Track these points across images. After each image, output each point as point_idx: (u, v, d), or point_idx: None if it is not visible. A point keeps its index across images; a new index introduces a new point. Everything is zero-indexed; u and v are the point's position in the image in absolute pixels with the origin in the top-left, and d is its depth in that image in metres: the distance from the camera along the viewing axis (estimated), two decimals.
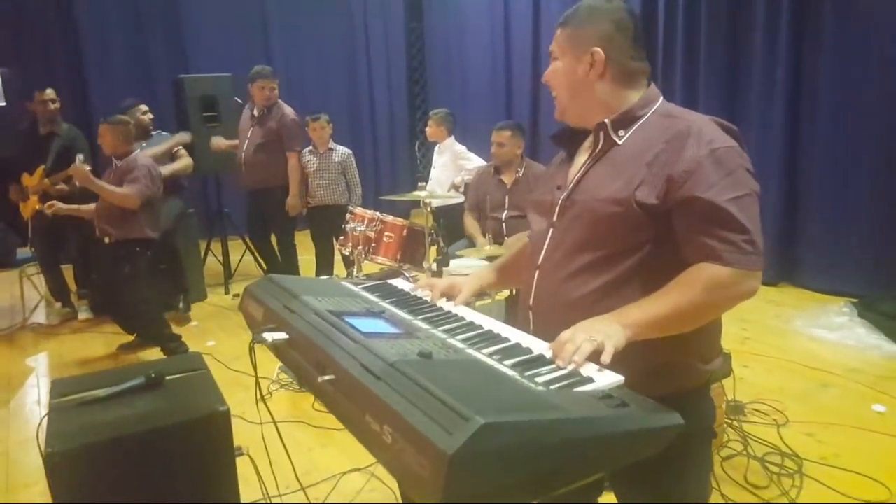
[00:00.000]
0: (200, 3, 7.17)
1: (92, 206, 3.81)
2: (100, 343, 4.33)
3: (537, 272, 1.44)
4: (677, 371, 1.36)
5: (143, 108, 4.79)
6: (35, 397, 3.59)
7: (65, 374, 3.82)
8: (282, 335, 1.34)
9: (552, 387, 1.08)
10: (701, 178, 1.22)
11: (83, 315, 4.79)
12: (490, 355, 1.21)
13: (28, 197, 4.58)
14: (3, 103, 6.78)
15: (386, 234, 3.36)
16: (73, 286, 4.95)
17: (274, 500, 2.33)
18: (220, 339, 4.21)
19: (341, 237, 3.61)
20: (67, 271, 4.92)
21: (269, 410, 2.09)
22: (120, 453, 1.71)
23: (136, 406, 1.84)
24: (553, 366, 1.16)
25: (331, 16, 8.04)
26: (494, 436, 0.86)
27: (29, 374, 3.95)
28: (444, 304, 1.55)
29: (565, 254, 1.38)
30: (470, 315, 1.47)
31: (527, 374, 1.12)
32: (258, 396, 1.51)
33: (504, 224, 3.74)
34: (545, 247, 1.43)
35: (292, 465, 1.99)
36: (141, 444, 1.73)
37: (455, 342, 1.28)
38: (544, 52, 6.66)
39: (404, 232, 3.34)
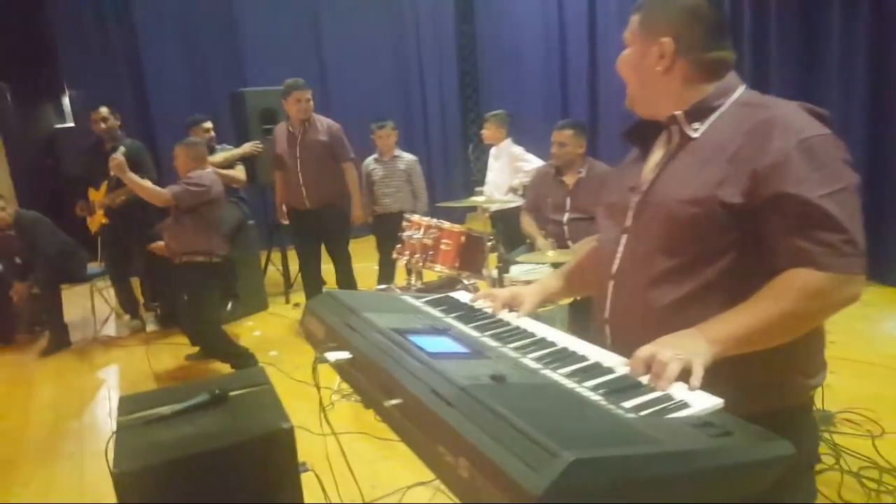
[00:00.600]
0: (256, 16, 7.31)
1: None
2: (168, 355, 4.43)
3: (612, 282, 1.34)
4: (777, 387, 1.22)
5: (207, 125, 4.89)
6: (106, 409, 3.69)
7: (134, 386, 3.93)
8: (344, 354, 1.28)
9: (642, 413, 0.98)
10: (790, 173, 1.10)
11: (151, 327, 4.92)
12: (567, 376, 1.12)
13: (94, 211, 4.75)
14: (73, 124, 7.11)
15: (444, 241, 3.29)
16: (140, 298, 5.10)
17: None
18: (282, 349, 4.23)
19: (398, 245, 3.56)
20: (136, 283, 5.07)
21: (329, 424, 2.04)
22: (185, 473, 1.70)
23: (201, 424, 1.83)
24: (640, 388, 1.05)
25: (382, 22, 8.08)
26: (585, 473, 0.77)
27: (100, 386, 4.08)
28: (508, 316, 1.46)
29: (642, 262, 1.28)
30: (539, 329, 1.38)
31: (611, 398, 1.02)
32: (322, 417, 1.46)
33: (566, 227, 3.61)
34: (619, 255, 1.33)
35: (355, 480, 1.94)
36: (205, 463, 1.71)
37: (528, 362, 1.19)
38: (601, 49, 6.56)
39: (462, 239, 3.26)
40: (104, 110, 4.71)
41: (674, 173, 1.25)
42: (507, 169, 4.46)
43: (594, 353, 1.22)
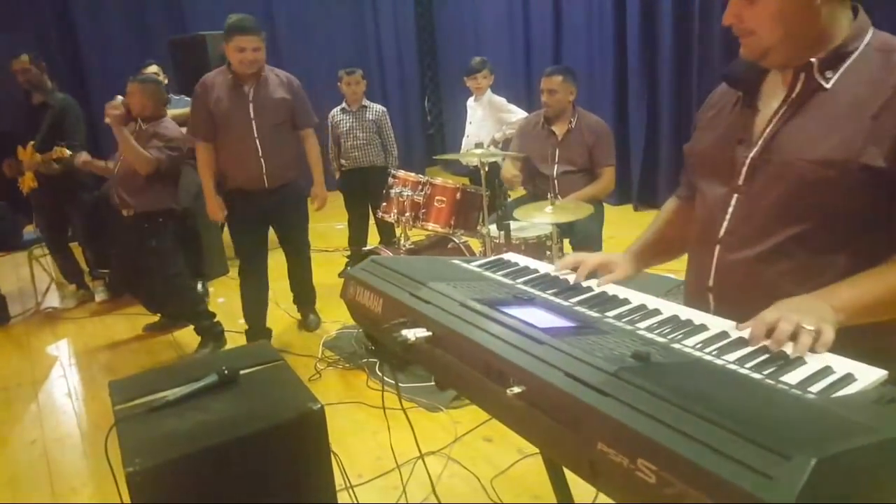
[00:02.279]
0: None
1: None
2: (123, 325, 4.08)
3: (718, 247, 1.20)
4: (891, 352, 1.13)
5: (154, 68, 4.42)
6: (65, 389, 3.36)
7: (91, 363, 3.60)
8: (422, 332, 1.10)
9: (813, 390, 0.85)
10: None
11: (100, 296, 4.52)
12: (700, 349, 0.98)
13: (24, 172, 4.26)
14: None
15: (437, 198, 3.09)
16: (84, 266, 4.67)
17: (355, 491, 2.13)
18: None
19: (383, 203, 3.33)
20: (77, 250, 4.63)
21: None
22: (208, 466, 1.49)
23: (215, 409, 1.61)
24: (790, 361, 0.93)
25: None
26: (831, 475, 0.64)
27: (52, 363, 3.71)
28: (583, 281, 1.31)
29: (759, 226, 1.14)
30: (626, 294, 1.23)
31: (770, 374, 0.89)
32: (410, 425, 1.27)
33: (555, 181, 3.47)
34: (728, 216, 1.18)
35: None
36: (230, 454, 1.51)
37: (647, 334, 1.04)
38: None
39: (458, 195, 3.07)
40: (24, 58, 4.17)
41: (800, 128, 1.10)
42: (490, 120, 4.26)
43: (705, 319, 1.09)
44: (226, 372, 1.71)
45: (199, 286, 4.24)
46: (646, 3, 5.46)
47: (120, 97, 3.29)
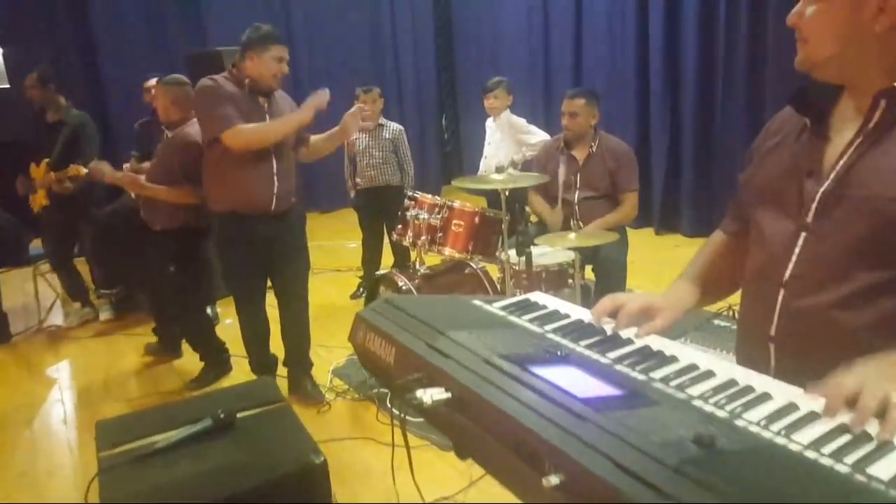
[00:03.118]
0: None
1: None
2: (127, 346, 3.97)
3: (782, 291, 1.05)
4: None
5: (154, 82, 4.34)
6: (61, 415, 3.23)
7: (91, 388, 3.46)
8: (441, 392, 0.95)
9: None
10: None
11: (105, 315, 4.41)
12: (765, 426, 0.82)
13: (36, 190, 4.18)
14: (6, 85, 6.35)
15: (454, 222, 2.95)
16: (90, 284, 4.57)
17: None
18: None
19: (398, 226, 3.20)
20: (82, 266, 4.52)
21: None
22: None
23: (209, 458, 1.46)
24: (884, 448, 0.76)
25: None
26: None
27: (51, 386, 3.59)
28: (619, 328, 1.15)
29: (834, 268, 1.00)
30: (672, 349, 1.07)
31: (861, 466, 0.73)
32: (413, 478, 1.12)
33: (577, 207, 3.33)
34: (795, 257, 1.04)
35: None
36: None
37: (704, 405, 0.88)
38: (586, 14, 6.22)
39: (476, 219, 2.93)
40: (32, 76, 4.10)
41: (882, 161, 0.97)
42: (509, 142, 4.13)
43: (767, 386, 0.93)
44: (221, 416, 1.56)
45: (209, 310, 4.12)
46: (669, 25, 5.34)
47: (135, 154, 3.19)
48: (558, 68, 6.51)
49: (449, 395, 0.94)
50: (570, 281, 3.05)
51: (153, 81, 3.98)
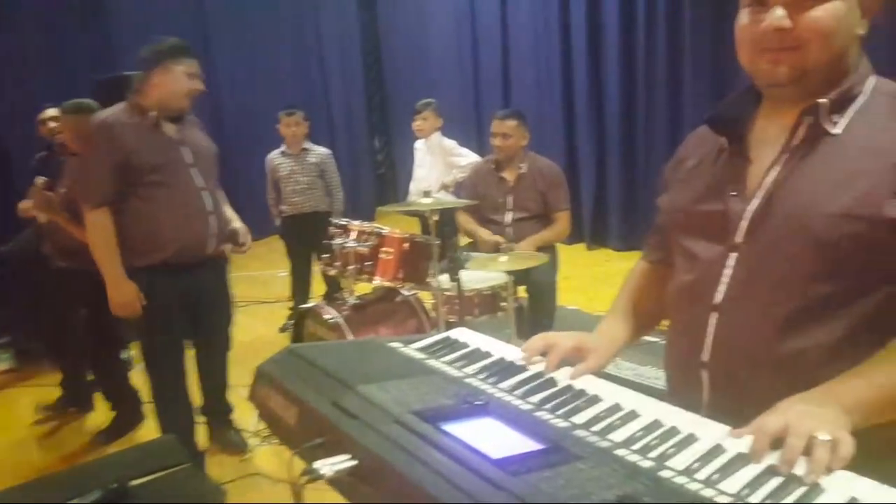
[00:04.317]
0: None
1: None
2: (28, 399, 3.58)
3: (715, 315, 1.01)
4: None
5: (52, 112, 4.05)
6: None
7: None
8: (345, 461, 0.85)
9: None
10: None
11: (3, 365, 4.04)
12: (690, 473, 0.77)
13: None
14: None
15: (384, 249, 2.85)
16: None
17: None
18: None
19: (325, 255, 3.08)
20: None
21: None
22: None
23: None
24: (814, 491, 0.73)
25: (279, 14, 7.35)
26: None
27: None
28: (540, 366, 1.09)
29: (768, 291, 0.97)
30: (601, 389, 1.01)
31: None
32: None
33: (509, 228, 3.31)
34: (727, 280, 1.00)
35: None
36: None
37: (627, 454, 0.82)
38: (512, 28, 6.28)
39: (406, 246, 2.85)
40: None
41: (810, 178, 0.95)
42: (440, 164, 4.10)
43: (692, 426, 0.88)
44: (112, 486, 1.39)
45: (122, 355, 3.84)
46: (592, 49, 5.51)
47: (41, 178, 2.91)
48: (488, 90, 6.57)
49: (354, 462, 0.85)
50: (504, 303, 3.01)
51: (50, 112, 3.66)
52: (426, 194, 2.87)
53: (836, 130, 0.94)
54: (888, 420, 0.87)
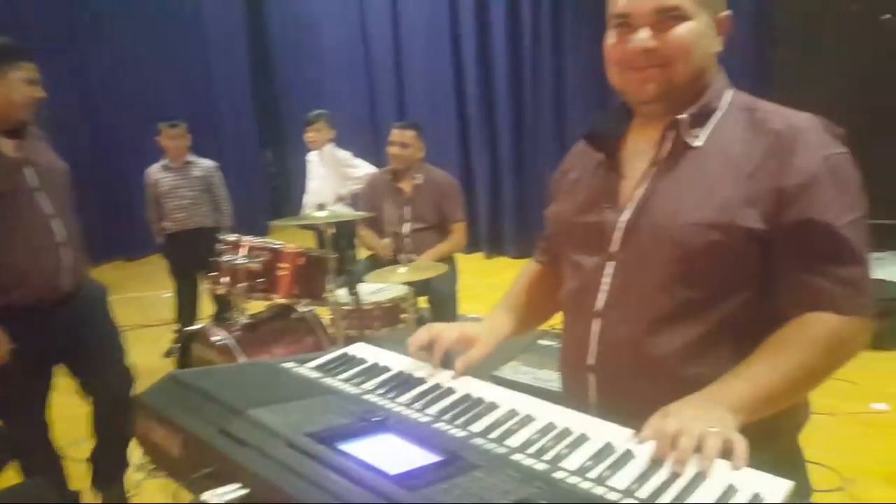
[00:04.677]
0: None
1: None
2: None
3: (598, 321, 1.06)
4: (770, 433, 1.02)
5: None
6: None
7: None
8: (235, 490, 0.80)
9: None
10: (818, 195, 0.94)
11: None
12: (584, 474, 0.80)
13: None
14: None
15: (277, 264, 2.75)
16: None
17: None
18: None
19: (213, 273, 2.92)
20: None
21: None
22: None
23: None
24: (697, 482, 0.77)
25: (160, 20, 6.96)
26: None
27: None
28: (442, 377, 1.09)
29: (639, 298, 1.03)
30: (498, 396, 1.02)
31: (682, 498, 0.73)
32: None
33: (407, 239, 3.30)
34: (606, 287, 1.06)
35: None
36: None
37: (524, 458, 0.84)
38: (405, 35, 6.31)
39: (301, 260, 2.76)
40: None
41: (675, 189, 1.01)
42: (334, 176, 4.03)
43: (583, 426, 0.91)
44: None
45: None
46: (482, 62, 5.67)
47: None
48: (382, 101, 6.57)
49: (245, 491, 0.80)
50: (404, 315, 3.00)
51: None
52: (321, 207, 2.80)
53: (698, 143, 1.01)
54: (775, 411, 0.93)
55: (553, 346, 2.83)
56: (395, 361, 1.18)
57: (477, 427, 0.93)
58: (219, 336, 2.64)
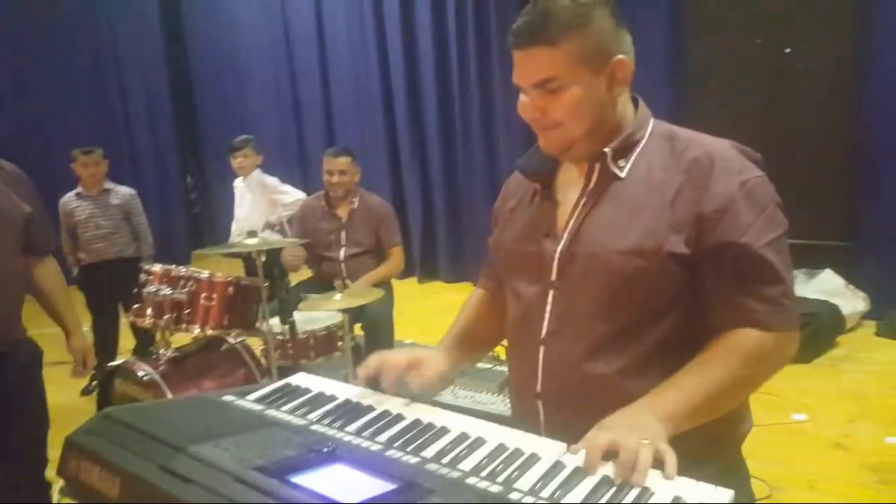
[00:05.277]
0: None
1: None
2: None
3: (542, 349, 1.09)
4: (715, 443, 1.07)
5: None
6: None
7: None
8: None
9: None
10: (736, 219, 0.99)
11: None
12: (540, 491, 0.81)
13: None
14: None
15: (204, 295, 2.64)
16: None
17: None
18: None
19: (136, 305, 2.78)
20: None
21: None
22: None
23: None
24: (646, 494, 0.80)
25: (73, 41, 6.64)
26: None
27: None
28: (393, 405, 1.08)
29: (578, 324, 1.06)
30: (448, 420, 1.03)
31: None
32: None
33: (343, 264, 3.27)
34: (547, 314, 1.09)
35: None
36: None
37: (478, 482, 0.84)
38: (332, 65, 6.28)
39: (230, 290, 2.66)
40: None
41: (604, 219, 1.06)
42: (263, 202, 3.94)
43: (534, 446, 0.93)
44: None
45: None
46: (410, 85, 5.68)
47: None
48: (310, 125, 6.49)
49: None
50: (340, 343, 2.95)
51: None
52: (252, 234, 2.73)
53: (623, 174, 1.06)
54: (703, 422, 0.98)
55: (490, 368, 2.86)
56: (341, 390, 1.16)
57: (429, 452, 0.93)
58: (144, 371, 2.50)
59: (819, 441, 2.72)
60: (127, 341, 3.83)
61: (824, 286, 3.83)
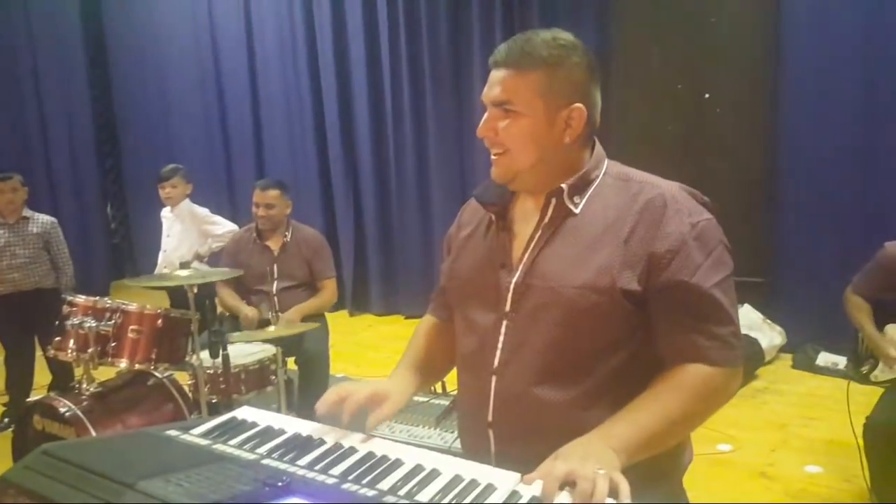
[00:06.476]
0: None
1: None
2: None
3: (494, 378, 1.11)
4: (656, 472, 1.12)
5: None
6: None
7: None
8: None
9: None
10: (686, 259, 1.04)
11: None
12: None
13: None
14: None
15: (131, 327, 2.52)
16: None
17: None
18: None
19: (56, 338, 2.63)
20: None
21: None
22: None
23: None
24: None
25: None
26: None
27: None
28: (348, 438, 1.08)
29: (533, 353, 1.09)
30: (402, 453, 1.04)
31: None
32: None
33: (276, 297, 3.20)
34: (500, 344, 1.11)
35: None
36: None
37: None
38: (263, 92, 6.18)
39: (158, 322, 2.56)
40: None
41: (558, 253, 1.09)
42: (193, 233, 3.81)
43: (490, 476, 0.95)
44: None
45: None
46: (344, 120, 5.68)
47: None
48: (240, 155, 6.35)
49: None
50: (273, 377, 2.88)
51: None
52: (183, 265, 2.66)
53: (577, 210, 1.10)
54: (653, 454, 1.02)
55: (427, 401, 2.86)
56: (289, 424, 1.15)
57: (385, 485, 0.93)
58: (65, 407, 2.36)
59: (744, 470, 2.80)
60: (41, 377, 3.59)
61: (743, 320, 3.99)
